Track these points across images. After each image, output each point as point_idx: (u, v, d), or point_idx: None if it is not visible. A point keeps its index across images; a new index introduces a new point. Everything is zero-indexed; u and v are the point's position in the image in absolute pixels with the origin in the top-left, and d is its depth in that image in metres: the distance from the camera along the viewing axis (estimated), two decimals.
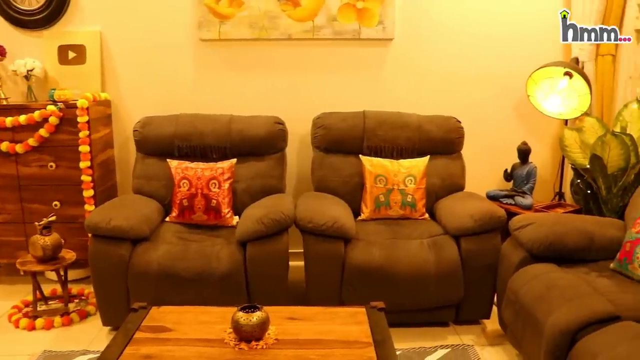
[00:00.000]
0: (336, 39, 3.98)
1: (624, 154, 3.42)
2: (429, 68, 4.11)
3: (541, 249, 2.83)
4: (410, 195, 3.51)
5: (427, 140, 3.70)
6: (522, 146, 3.96)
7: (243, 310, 2.16)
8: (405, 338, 3.15)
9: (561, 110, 3.91)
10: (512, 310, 2.76)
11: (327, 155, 3.72)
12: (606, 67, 3.95)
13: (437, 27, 4.06)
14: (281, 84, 4.06)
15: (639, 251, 2.60)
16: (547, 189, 4.28)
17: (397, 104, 3.99)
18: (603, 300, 2.40)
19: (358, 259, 3.11)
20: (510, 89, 4.15)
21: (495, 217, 3.17)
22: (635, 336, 2.12)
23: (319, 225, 3.10)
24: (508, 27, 4.10)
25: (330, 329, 2.31)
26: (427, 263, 3.10)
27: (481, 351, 3.07)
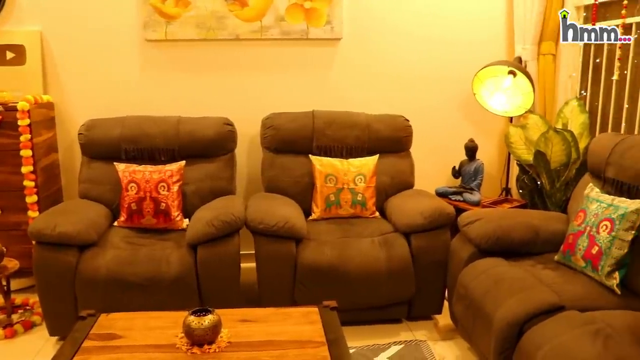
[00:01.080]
0: (284, 39, 3.98)
1: (565, 150, 3.53)
2: (377, 67, 4.15)
3: (489, 244, 2.90)
4: (361, 194, 3.54)
5: (376, 139, 3.74)
6: (469, 143, 4.05)
7: (194, 314, 2.14)
8: (358, 336, 3.18)
9: (506, 108, 4.01)
10: (462, 305, 2.82)
11: (277, 156, 3.71)
12: (548, 66, 4.07)
13: (385, 27, 4.11)
14: (230, 85, 4.03)
15: (581, 243, 2.69)
16: (494, 185, 4.38)
17: (346, 103, 4.02)
18: (548, 291, 2.47)
19: (310, 259, 3.12)
20: (456, 87, 4.23)
21: (444, 214, 3.23)
22: (579, 325, 2.19)
23: (270, 226, 3.09)
24: (454, 28, 4.18)
25: (283, 329, 2.31)
26: (378, 261, 3.14)
27: (434, 346, 3.12)
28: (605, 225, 2.60)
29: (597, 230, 2.62)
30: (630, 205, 2.56)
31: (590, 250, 2.62)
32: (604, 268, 2.55)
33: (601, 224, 2.61)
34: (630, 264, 2.57)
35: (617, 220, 2.55)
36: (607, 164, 2.93)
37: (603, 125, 3.86)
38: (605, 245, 2.56)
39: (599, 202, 2.71)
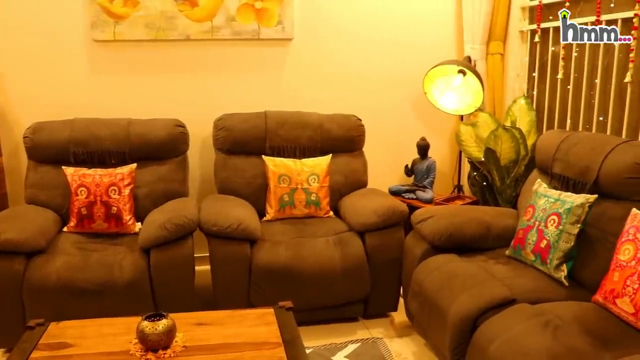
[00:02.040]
0: (236, 39, 3.96)
1: (514, 147, 3.61)
2: (329, 67, 4.17)
3: (442, 241, 2.94)
4: (314, 193, 3.54)
5: (328, 138, 3.75)
6: (421, 142, 4.10)
7: (148, 319, 2.11)
8: (315, 335, 3.18)
9: (456, 107, 4.08)
10: (417, 302, 2.85)
11: (230, 157, 3.69)
12: (496, 66, 4.16)
13: (337, 28, 4.13)
14: (181, 86, 3.98)
15: (530, 237, 2.76)
16: (447, 182, 4.45)
17: (298, 103, 4.02)
18: (500, 285, 2.53)
19: (264, 260, 3.11)
20: (408, 87, 4.29)
21: (397, 212, 3.27)
22: (530, 317, 2.25)
23: (224, 228, 3.07)
24: (405, 28, 4.23)
25: (239, 331, 2.30)
26: (333, 260, 3.15)
27: (390, 343, 3.15)
28: (553, 220, 2.67)
29: (546, 224, 2.69)
30: (576, 200, 2.63)
31: (539, 244, 2.69)
32: (553, 261, 2.62)
33: (549, 218, 2.69)
34: (576, 256, 2.66)
35: (564, 215, 2.63)
36: (553, 160, 3.01)
37: (550, 123, 3.97)
38: (553, 239, 2.64)
39: (547, 198, 2.78)
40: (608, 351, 2.02)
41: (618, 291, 2.25)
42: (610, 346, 2.06)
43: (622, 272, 2.26)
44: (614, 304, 2.27)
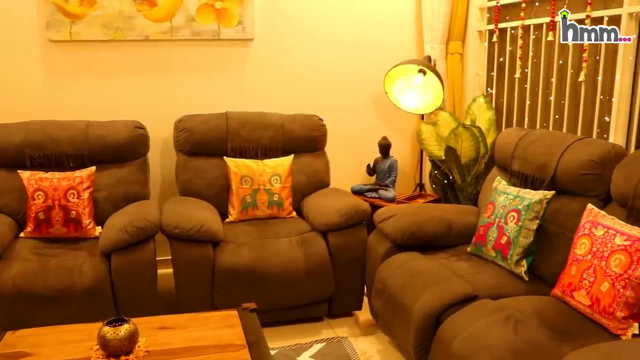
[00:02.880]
0: (196, 39, 3.92)
1: (474, 145, 3.67)
2: (290, 68, 4.16)
3: (404, 239, 2.97)
4: (277, 194, 3.53)
5: (290, 139, 3.75)
6: (383, 141, 4.13)
7: (109, 325, 2.07)
8: (280, 336, 3.18)
9: (417, 106, 4.12)
10: (381, 300, 2.87)
11: (191, 159, 3.65)
12: (455, 65, 4.22)
13: (298, 28, 4.13)
14: (140, 87, 3.92)
15: (491, 234, 2.80)
16: (409, 181, 4.50)
17: (260, 104, 4.01)
18: (462, 282, 2.56)
19: (228, 262, 3.09)
20: (369, 86, 4.31)
21: (360, 211, 3.28)
22: (491, 312, 2.28)
23: (186, 230, 3.04)
24: (365, 28, 4.26)
25: (203, 334, 2.28)
26: (297, 260, 3.15)
27: (355, 342, 3.16)
28: (512, 216, 2.72)
29: (505, 221, 2.74)
30: (535, 196, 2.69)
31: (500, 241, 2.74)
32: (513, 257, 2.67)
33: (509, 215, 2.74)
34: (536, 251, 2.71)
35: (523, 211, 2.68)
36: (512, 157, 3.07)
37: (508, 121, 4.04)
38: (513, 235, 2.69)
39: (506, 194, 2.83)
40: (566, 343, 2.07)
41: (575, 284, 2.31)
42: (569, 338, 2.11)
43: (579, 266, 2.31)
44: (571, 297, 2.33)
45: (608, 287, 2.16)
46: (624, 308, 2.12)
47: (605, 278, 2.18)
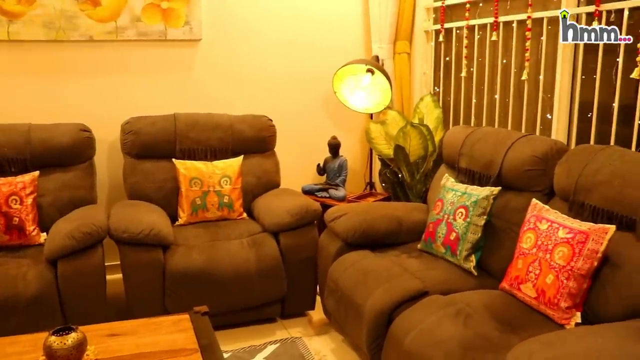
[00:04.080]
0: (142, 40, 3.85)
1: (422, 143, 3.72)
2: (239, 68, 4.14)
3: (355, 237, 2.99)
4: (227, 196, 3.51)
5: (240, 140, 3.72)
6: (332, 140, 4.15)
7: (56, 334, 2.01)
8: (234, 339, 3.16)
9: (366, 105, 4.15)
10: (333, 299, 2.88)
11: (139, 161, 3.58)
12: (403, 64, 4.27)
13: (246, 28, 4.10)
14: (85, 89, 3.82)
15: (440, 231, 2.85)
16: (359, 180, 4.53)
17: (208, 105, 3.97)
18: (413, 279, 2.60)
19: (178, 265, 3.05)
20: (318, 86, 4.32)
21: (310, 211, 3.29)
22: (442, 307, 2.32)
23: (135, 234, 2.98)
24: (314, 27, 4.27)
25: (154, 340, 2.24)
26: (248, 262, 3.13)
27: (309, 341, 3.17)
28: (460, 213, 2.77)
29: (454, 217, 2.79)
30: (482, 193, 2.75)
31: (449, 237, 2.79)
32: (462, 252, 2.73)
33: (457, 211, 2.79)
34: (484, 246, 2.77)
35: (471, 207, 2.73)
36: (459, 154, 3.13)
37: (455, 119, 4.12)
38: (461, 231, 2.74)
39: (454, 191, 2.88)
40: (514, 335, 2.13)
41: (522, 277, 2.37)
42: (517, 330, 2.17)
43: (525, 259, 2.38)
44: (518, 290, 2.39)
45: (553, 279, 2.23)
46: (568, 298, 2.19)
47: (549, 270, 2.25)
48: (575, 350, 1.71)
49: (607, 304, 2.17)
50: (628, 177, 2.24)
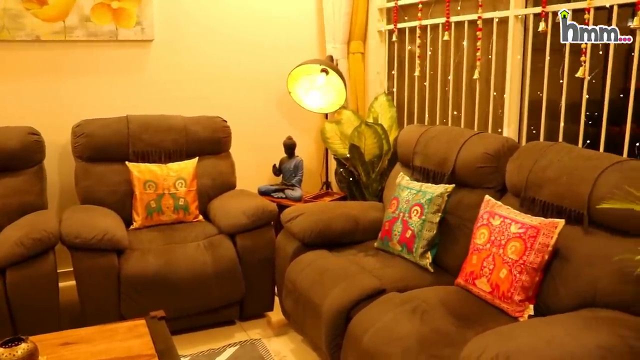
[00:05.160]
0: (92, 40, 3.76)
1: (377, 142, 3.75)
2: (192, 69, 4.09)
3: (312, 237, 2.99)
4: (182, 198, 3.47)
5: (194, 141, 3.69)
6: (288, 141, 4.14)
7: (5, 345, 1.95)
8: (192, 343, 3.13)
9: (321, 105, 4.16)
10: (292, 299, 2.88)
11: (92, 165, 3.51)
12: (357, 64, 4.30)
13: (199, 28, 4.06)
14: (33, 91, 3.71)
15: (396, 229, 2.88)
16: (315, 180, 4.53)
17: (162, 106, 3.91)
18: (370, 277, 2.61)
19: (134, 270, 2.99)
20: (273, 86, 4.31)
21: (267, 212, 3.28)
22: (399, 304, 2.35)
23: (88, 240, 2.91)
24: (268, 27, 4.25)
25: (110, 347, 2.19)
26: (205, 264, 3.10)
27: (269, 343, 3.16)
28: (416, 210, 2.80)
29: (409, 215, 2.82)
30: (436, 190, 2.79)
31: (405, 235, 2.82)
32: (418, 250, 2.76)
33: (412, 209, 2.82)
34: (439, 243, 2.81)
35: (426, 205, 2.77)
36: (414, 153, 3.17)
37: (409, 118, 4.17)
38: (417, 228, 2.77)
39: (409, 189, 2.92)
40: (470, 329, 2.16)
41: (476, 273, 2.41)
42: (472, 324, 2.20)
43: (479, 254, 2.42)
44: (473, 285, 2.43)
45: (506, 274, 2.28)
46: (521, 292, 2.24)
47: (503, 265, 2.30)
48: (528, 342, 1.75)
49: (557, 295, 2.24)
50: (575, 172, 2.31)
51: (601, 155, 2.35)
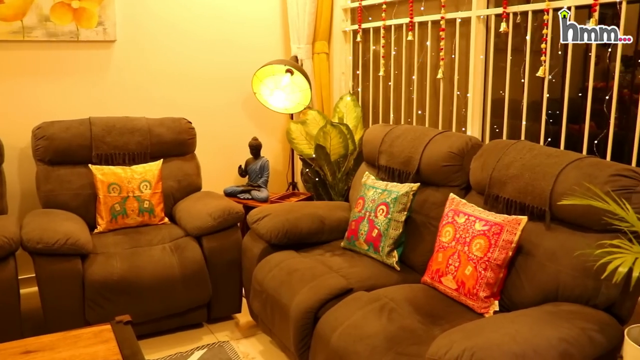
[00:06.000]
0: (52, 41, 3.69)
1: (343, 142, 3.76)
2: (156, 69, 4.04)
3: (279, 238, 2.98)
4: (147, 201, 3.43)
5: (159, 143, 3.64)
6: (253, 142, 4.13)
7: None
8: (159, 347, 3.10)
9: (286, 105, 4.16)
10: (259, 301, 2.87)
11: (53, 168, 3.44)
12: (322, 64, 4.30)
13: (162, 29, 4.02)
14: None
15: (362, 228, 2.89)
16: (281, 180, 4.53)
17: (125, 108, 3.86)
18: (337, 277, 2.62)
19: (98, 274, 2.94)
20: (238, 87, 4.29)
21: (233, 213, 3.27)
22: (366, 303, 2.36)
23: (50, 244, 2.85)
24: (233, 28, 4.23)
25: (74, 354, 2.15)
26: (172, 267, 3.07)
27: (237, 345, 3.14)
28: (381, 209, 2.82)
29: (375, 214, 2.84)
30: (401, 189, 2.81)
31: (371, 234, 2.83)
32: (384, 248, 2.78)
33: (378, 208, 2.84)
34: (406, 242, 2.84)
35: (392, 204, 2.79)
36: (379, 152, 3.19)
37: (374, 117, 4.19)
38: (383, 227, 2.79)
39: (375, 189, 2.93)
40: (437, 326, 2.19)
41: (442, 270, 2.44)
42: (439, 321, 2.23)
43: (445, 252, 2.45)
44: (440, 283, 2.46)
45: (471, 270, 2.31)
46: (486, 288, 2.27)
47: (468, 262, 2.33)
48: (493, 338, 1.78)
49: (522, 291, 2.28)
50: (537, 169, 2.35)
51: (562, 152, 2.39)
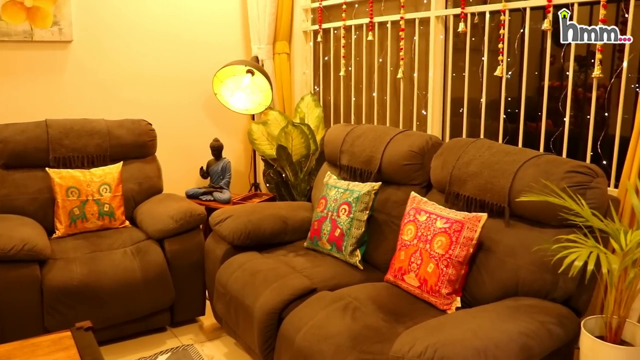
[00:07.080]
0: (4, 40, 3.60)
1: (304, 142, 3.77)
2: (115, 71, 3.98)
3: (242, 239, 2.97)
4: (107, 204, 3.37)
5: (118, 145, 3.58)
6: (215, 143, 4.10)
7: None
8: (122, 352, 3.05)
9: (247, 106, 4.14)
10: (223, 302, 2.86)
11: (8, 172, 3.35)
12: (283, 65, 4.30)
13: (121, 29, 3.96)
14: None
15: (325, 228, 2.90)
16: (244, 181, 4.51)
17: (83, 110, 3.79)
18: (301, 277, 2.62)
19: (57, 280, 2.88)
20: (198, 88, 4.26)
21: (194, 215, 3.24)
22: (330, 303, 2.37)
23: (6, 251, 2.78)
24: (193, 28, 4.20)
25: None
26: (133, 271, 3.03)
27: (201, 348, 3.12)
28: (344, 209, 2.83)
29: (338, 214, 2.85)
30: (363, 188, 2.83)
31: (334, 233, 2.84)
32: (347, 248, 2.79)
33: (340, 208, 2.85)
34: (368, 241, 2.86)
35: (354, 203, 2.80)
36: (341, 152, 3.20)
37: (336, 117, 4.21)
38: (345, 227, 2.80)
39: (337, 188, 2.95)
40: (400, 324, 2.21)
41: (405, 268, 2.46)
42: (402, 319, 2.25)
43: (407, 250, 2.47)
44: (402, 280, 2.48)
45: (433, 268, 2.34)
46: (448, 285, 2.31)
47: (430, 259, 2.35)
48: (455, 334, 1.81)
49: (483, 286, 2.32)
50: (496, 167, 2.39)
51: (519, 150, 2.44)
